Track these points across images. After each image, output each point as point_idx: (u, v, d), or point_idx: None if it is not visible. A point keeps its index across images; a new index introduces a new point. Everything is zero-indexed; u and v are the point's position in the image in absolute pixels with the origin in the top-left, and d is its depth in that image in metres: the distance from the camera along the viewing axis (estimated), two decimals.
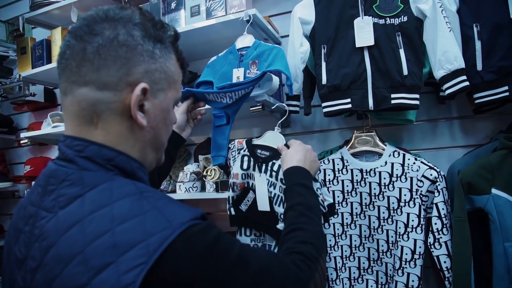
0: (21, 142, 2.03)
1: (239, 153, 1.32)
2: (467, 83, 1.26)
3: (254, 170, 1.27)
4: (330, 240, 1.44)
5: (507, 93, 1.25)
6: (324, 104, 1.41)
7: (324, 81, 1.40)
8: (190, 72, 1.86)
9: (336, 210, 1.39)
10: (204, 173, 1.62)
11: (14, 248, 0.59)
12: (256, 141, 1.28)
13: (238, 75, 1.40)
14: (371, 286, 1.41)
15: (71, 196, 0.55)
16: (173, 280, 0.49)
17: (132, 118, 0.60)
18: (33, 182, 2.05)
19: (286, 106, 1.38)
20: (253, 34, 1.51)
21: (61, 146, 0.61)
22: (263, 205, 1.22)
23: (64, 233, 0.51)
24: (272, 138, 1.22)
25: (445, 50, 1.28)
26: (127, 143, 0.61)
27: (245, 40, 1.45)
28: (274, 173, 1.19)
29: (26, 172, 2.35)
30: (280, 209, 1.18)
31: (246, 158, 1.29)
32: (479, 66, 1.29)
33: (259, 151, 1.26)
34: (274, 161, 1.20)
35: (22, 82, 2.07)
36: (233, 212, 1.35)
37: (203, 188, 1.63)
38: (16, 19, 2.58)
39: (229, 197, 1.34)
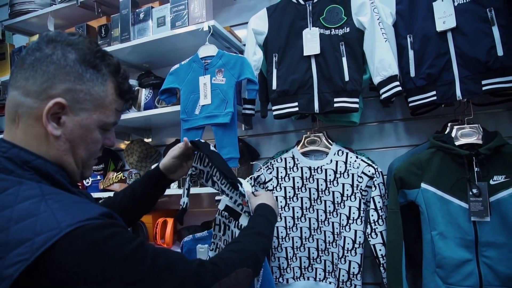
0: None
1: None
2: (399, 88, 1.40)
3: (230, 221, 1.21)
4: (281, 232, 1.56)
5: (434, 97, 1.39)
6: (274, 108, 1.54)
7: (274, 86, 1.53)
8: (159, 77, 1.98)
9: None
10: None
11: None
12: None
13: (204, 81, 1.53)
14: (320, 274, 1.53)
15: None
16: (54, 277, 0.53)
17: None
18: None
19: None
20: (215, 44, 1.64)
21: None
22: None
23: None
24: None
25: (381, 59, 1.42)
26: (42, 148, 0.68)
27: (208, 50, 1.58)
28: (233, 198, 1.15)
29: None
30: None
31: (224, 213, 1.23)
32: (412, 73, 1.43)
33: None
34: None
35: (1, 86, 2.16)
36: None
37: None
38: None
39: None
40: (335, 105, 1.46)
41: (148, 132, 2.16)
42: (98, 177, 1.95)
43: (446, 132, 1.41)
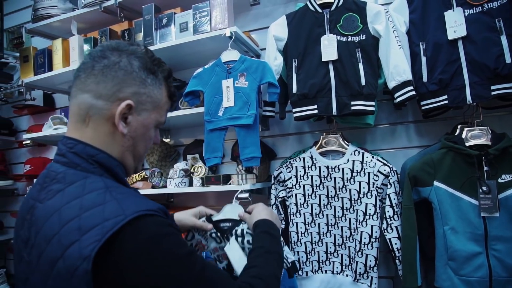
0: (24, 142, 2.20)
1: (207, 236, 1.20)
2: (413, 92, 1.49)
3: (224, 243, 1.18)
4: (301, 228, 1.65)
5: (446, 101, 1.48)
6: (294, 110, 1.64)
7: (294, 90, 1.62)
8: (179, 80, 2.07)
9: (297, 266, 1.42)
10: (192, 170, 1.82)
11: (20, 232, 0.76)
12: (215, 217, 1.18)
13: (227, 85, 1.62)
14: (337, 267, 1.62)
15: (55, 191, 0.70)
16: (118, 259, 0.61)
17: (115, 125, 0.75)
18: (34, 180, 2.22)
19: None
20: (234, 48, 1.72)
21: (59, 144, 0.78)
22: (240, 268, 1.00)
23: (48, 218, 0.67)
24: (231, 210, 1.18)
25: (395, 65, 1.51)
26: (109, 145, 0.77)
27: (231, 55, 1.66)
28: (239, 238, 1.11)
29: (26, 171, 2.52)
30: None
31: (214, 235, 1.18)
32: (425, 78, 1.52)
33: (221, 224, 1.17)
34: (236, 228, 1.13)
35: (23, 87, 2.24)
36: None
37: (190, 184, 1.83)
38: (16, 28, 2.76)
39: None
40: (353, 108, 1.55)
41: (167, 132, 2.25)
42: None
43: (456, 134, 1.51)
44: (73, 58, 2.12)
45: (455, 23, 1.46)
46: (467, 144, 1.43)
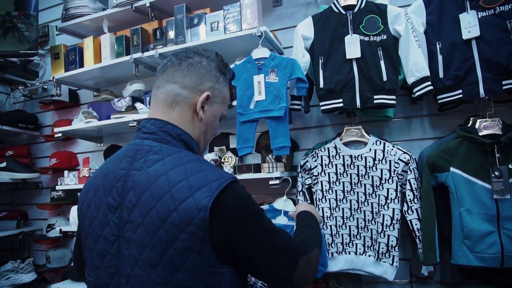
0: (55, 136, 2.31)
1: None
2: (431, 87, 1.64)
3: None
4: (326, 212, 1.79)
5: (461, 95, 1.63)
6: (321, 103, 1.78)
7: (321, 85, 1.76)
8: None
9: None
10: (222, 160, 1.95)
11: (106, 200, 0.88)
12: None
13: (258, 80, 1.75)
14: (360, 248, 1.76)
15: (155, 160, 0.85)
16: (223, 210, 0.78)
17: (195, 112, 0.93)
18: (67, 172, 2.33)
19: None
20: (263, 46, 1.85)
21: (146, 124, 0.92)
22: None
23: (154, 181, 0.81)
24: (283, 204, 1.69)
25: (415, 62, 1.65)
26: (190, 127, 0.93)
27: (261, 52, 1.80)
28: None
29: (52, 164, 2.62)
30: None
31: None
32: (441, 75, 1.67)
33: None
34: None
35: (54, 83, 2.35)
36: None
37: None
38: (41, 27, 2.85)
39: None
40: (375, 101, 1.70)
41: None
42: None
43: (469, 125, 1.66)
44: (104, 55, 2.24)
45: (469, 25, 1.61)
46: (480, 133, 1.58)
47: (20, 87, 2.73)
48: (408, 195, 1.65)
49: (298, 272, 0.86)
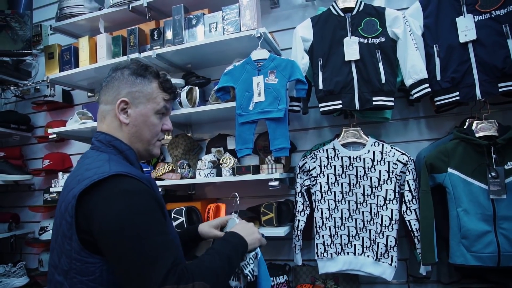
0: (49, 137, 2.27)
1: None
2: (429, 89, 1.66)
3: None
4: (325, 213, 1.80)
5: (458, 97, 1.66)
6: (321, 105, 1.78)
7: (321, 86, 1.77)
8: (203, 77, 2.19)
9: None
10: (221, 162, 1.94)
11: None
12: (225, 229, 1.31)
13: (258, 81, 1.75)
14: (358, 249, 1.77)
15: (79, 163, 1.02)
16: (94, 200, 0.86)
17: (119, 119, 1.03)
18: (60, 174, 2.29)
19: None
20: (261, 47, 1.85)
21: (93, 137, 1.06)
22: None
23: (68, 180, 0.98)
24: (232, 223, 1.30)
25: (412, 64, 1.68)
26: (119, 134, 1.04)
27: (261, 53, 1.80)
28: None
29: (45, 166, 2.57)
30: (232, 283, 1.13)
31: None
32: (438, 77, 1.70)
33: None
34: None
35: (42, 83, 2.31)
36: None
37: (219, 174, 1.95)
38: (33, 26, 2.81)
39: None
40: (374, 103, 1.71)
41: (189, 127, 2.36)
42: (149, 168, 2.13)
43: (466, 127, 1.68)
44: (100, 55, 2.21)
45: (466, 28, 1.64)
46: (477, 135, 1.61)
47: (12, 87, 2.67)
48: (407, 196, 1.67)
49: None
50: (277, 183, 1.74)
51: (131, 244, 0.82)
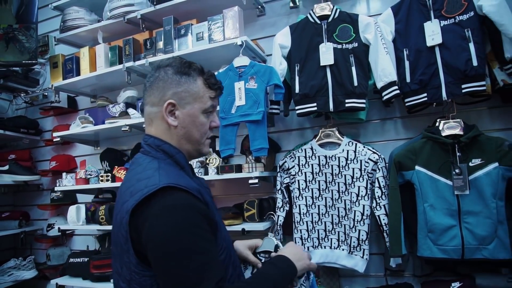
0: (54, 140, 2.46)
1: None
2: (398, 91, 1.76)
3: None
4: (303, 209, 1.91)
5: (425, 98, 1.75)
6: (297, 107, 1.90)
7: (297, 90, 1.89)
8: None
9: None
10: (207, 162, 2.08)
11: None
12: (258, 249, 1.24)
13: (239, 86, 1.89)
14: (334, 243, 1.88)
15: (131, 170, 1.01)
16: (146, 215, 0.84)
17: (168, 122, 1.00)
18: (63, 174, 2.47)
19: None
20: (245, 54, 1.98)
21: (142, 139, 1.05)
22: None
23: (123, 189, 0.96)
24: (268, 242, 1.24)
25: (383, 68, 1.78)
26: (168, 136, 1.01)
27: (242, 60, 1.93)
28: None
29: (52, 167, 2.77)
30: None
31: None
32: (408, 79, 1.79)
33: (261, 255, 1.23)
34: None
35: (53, 90, 2.50)
36: None
37: (206, 173, 2.09)
38: (41, 37, 3.02)
39: None
40: (347, 105, 1.82)
41: None
42: None
43: (435, 126, 1.77)
44: (99, 64, 2.39)
45: (433, 32, 1.73)
46: (443, 134, 1.69)
47: (22, 94, 2.89)
48: (377, 192, 1.76)
49: None
50: (256, 181, 1.86)
51: (173, 262, 0.81)
